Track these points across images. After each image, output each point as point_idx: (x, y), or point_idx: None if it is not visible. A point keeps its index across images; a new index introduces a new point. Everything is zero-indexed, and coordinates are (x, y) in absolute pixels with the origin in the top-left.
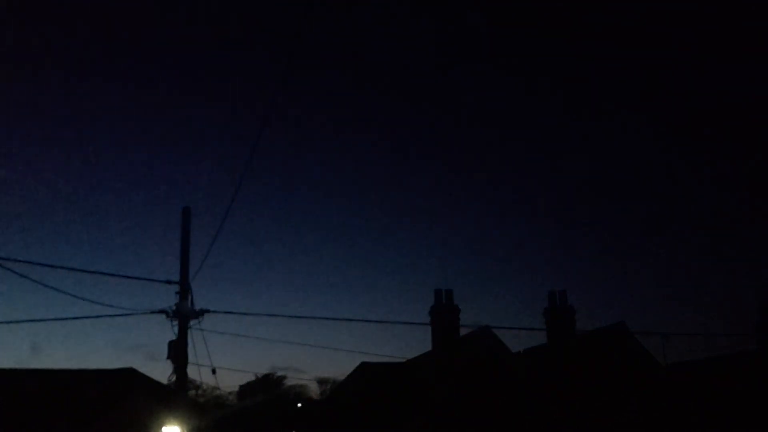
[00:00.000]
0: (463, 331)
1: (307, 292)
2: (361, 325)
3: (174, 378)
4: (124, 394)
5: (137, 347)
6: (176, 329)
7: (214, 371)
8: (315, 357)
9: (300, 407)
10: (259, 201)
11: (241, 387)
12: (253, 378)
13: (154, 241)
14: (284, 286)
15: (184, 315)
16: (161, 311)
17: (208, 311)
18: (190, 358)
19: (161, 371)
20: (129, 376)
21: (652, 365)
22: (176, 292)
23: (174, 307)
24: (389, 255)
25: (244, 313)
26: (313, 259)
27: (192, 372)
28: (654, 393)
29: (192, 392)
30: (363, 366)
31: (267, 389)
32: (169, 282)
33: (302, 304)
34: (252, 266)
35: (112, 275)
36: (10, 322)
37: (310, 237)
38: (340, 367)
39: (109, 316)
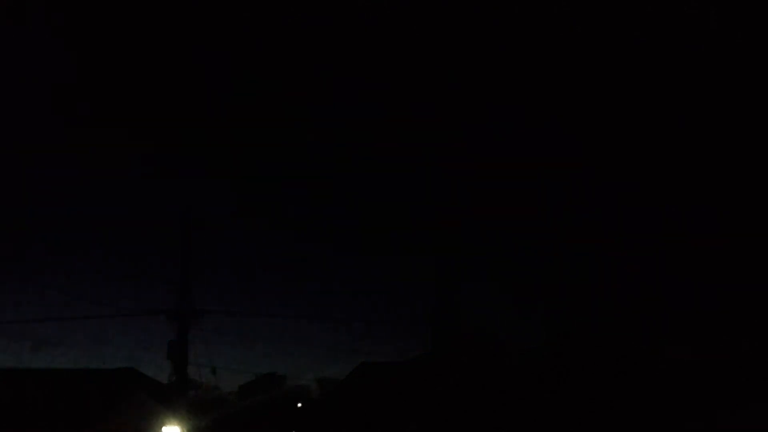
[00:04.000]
0: (462, 332)
1: (307, 292)
2: (361, 325)
3: (174, 378)
4: (124, 394)
5: (137, 347)
6: (176, 329)
7: (214, 371)
8: (315, 357)
9: (300, 407)
10: (259, 201)
11: (241, 387)
12: (253, 378)
13: (155, 242)
14: (284, 286)
15: (184, 315)
16: (161, 311)
17: (207, 311)
18: (190, 358)
19: (161, 371)
20: (129, 376)
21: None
22: (176, 293)
23: (174, 308)
24: (390, 255)
25: (244, 314)
26: (314, 259)
27: (192, 372)
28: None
29: (192, 392)
30: (363, 366)
31: (267, 389)
32: (169, 282)
33: (302, 304)
34: (252, 266)
35: (113, 275)
36: (10, 321)
37: (312, 236)
38: (340, 367)
39: (110, 316)
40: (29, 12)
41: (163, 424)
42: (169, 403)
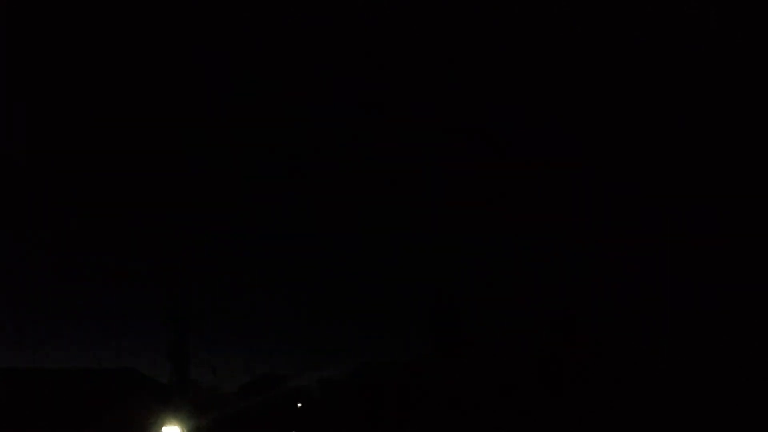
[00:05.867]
0: (462, 332)
1: (308, 291)
2: (361, 325)
3: (174, 378)
4: (124, 394)
5: (137, 347)
6: (176, 330)
7: (214, 371)
8: (315, 357)
9: (300, 407)
10: (259, 200)
11: (241, 387)
12: (253, 378)
13: (156, 241)
14: (285, 285)
15: (184, 315)
16: (162, 311)
17: (208, 311)
18: (190, 358)
19: (161, 371)
20: (129, 376)
21: None
22: (177, 294)
23: (174, 308)
24: (391, 254)
25: (245, 313)
26: (314, 258)
27: (192, 372)
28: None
29: (192, 392)
30: (363, 366)
31: (267, 389)
32: (170, 282)
33: (303, 304)
34: (253, 266)
35: (114, 275)
36: (11, 321)
37: (312, 235)
38: (340, 367)
39: (110, 315)
40: (27, 12)
41: (163, 424)
42: (169, 403)
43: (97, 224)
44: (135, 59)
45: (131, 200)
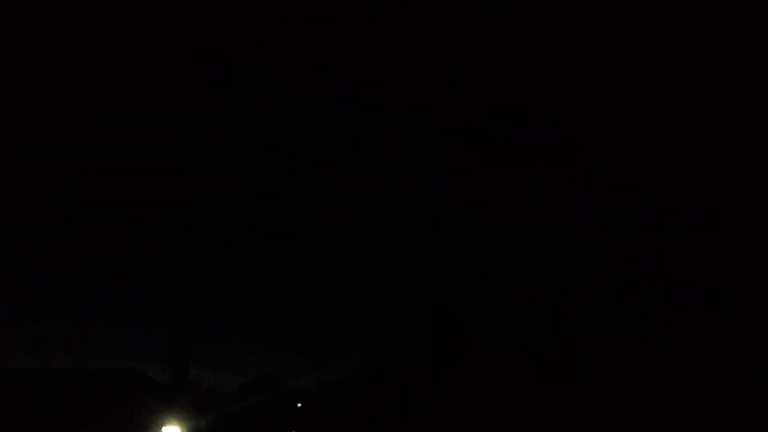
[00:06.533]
0: (462, 332)
1: (308, 291)
2: (361, 325)
3: (174, 378)
4: (124, 394)
5: (137, 347)
6: (177, 330)
7: (214, 371)
8: (315, 357)
9: (300, 407)
10: (260, 201)
11: (241, 387)
12: (253, 378)
13: (156, 241)
14: (285, 285)
15: (184, 315)
16: (162, 311)
17: (208, 311)
18: (190, 358)
19: (161, 371)
20: (129, 376)
21: None
22: (177, 294)
23: (175, 308)
24: (391, 254)
25: (244, 314)
26: (315, 258)
27: (192, 372)
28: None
29: (192, 392)
30: (363, 366)
31: (267, 389)
32: (170, 282)
33: (303, 304)
34: (253, 266)
35: (114, 274)
36: (11, 321)
37: (312, 235)
38: (340, 367)
39: (110, 315)
40: (27, 12)
41: (163, 424)
42: (169, 403)
43: (97, 224)
44: (135, 59)
45: (131, 200)
